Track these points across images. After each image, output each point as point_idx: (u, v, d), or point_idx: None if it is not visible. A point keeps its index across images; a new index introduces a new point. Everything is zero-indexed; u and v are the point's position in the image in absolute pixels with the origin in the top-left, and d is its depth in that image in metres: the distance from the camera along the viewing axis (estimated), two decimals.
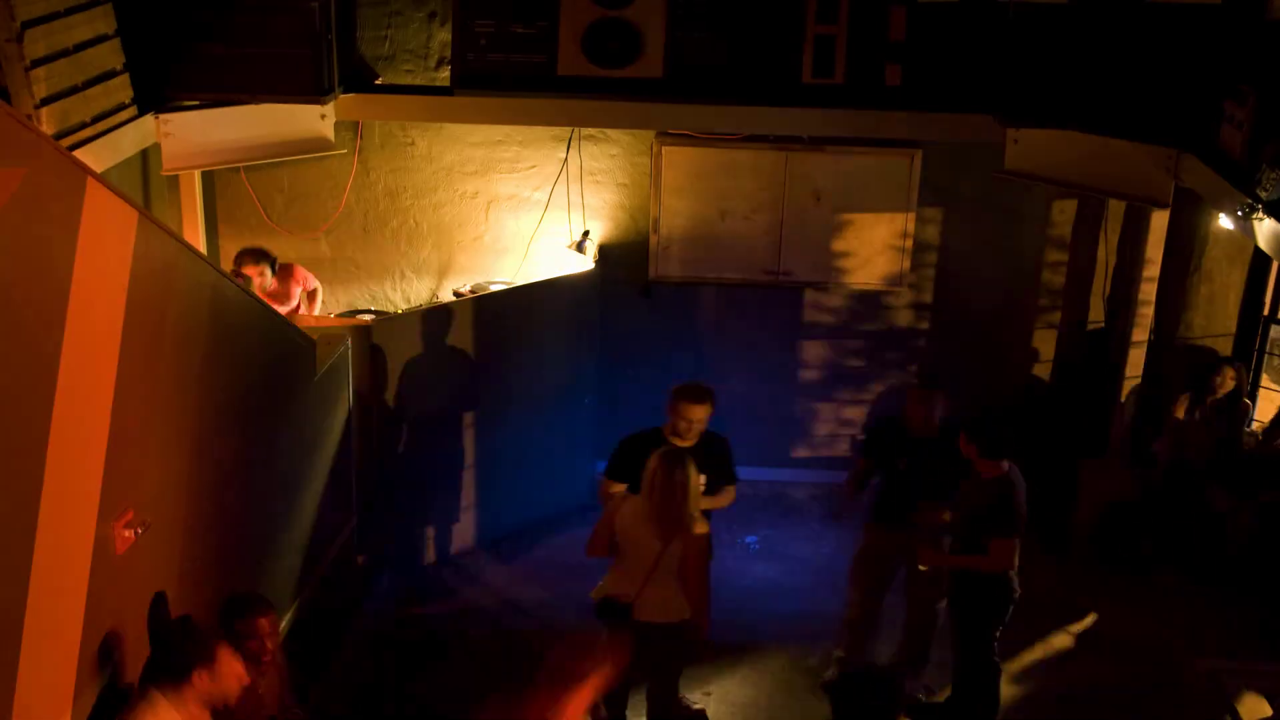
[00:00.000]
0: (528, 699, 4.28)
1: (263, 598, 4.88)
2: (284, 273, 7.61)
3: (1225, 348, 8.20)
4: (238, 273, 7.21)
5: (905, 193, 7.97)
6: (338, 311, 8.21)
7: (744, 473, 6.36)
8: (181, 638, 4.29)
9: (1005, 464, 5.85)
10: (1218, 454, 7.56)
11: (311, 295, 7.79)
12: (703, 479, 5.80)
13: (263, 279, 7.32)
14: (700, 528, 5.62)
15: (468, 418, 7.54)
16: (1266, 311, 8.07)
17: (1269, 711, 5.56)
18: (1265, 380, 8.18)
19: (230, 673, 4.21)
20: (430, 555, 7.63)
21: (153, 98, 6.63)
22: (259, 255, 7.37)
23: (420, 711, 6.35)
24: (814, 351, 8.53)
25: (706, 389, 6.03)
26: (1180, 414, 7.61)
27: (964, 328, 8.40)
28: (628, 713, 6.05)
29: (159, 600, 4.54)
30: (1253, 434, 7.87)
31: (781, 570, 7.69)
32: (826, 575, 7.35)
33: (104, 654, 4.18)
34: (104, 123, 6.11)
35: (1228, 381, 7.50)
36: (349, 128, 7.95)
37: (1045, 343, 8.50)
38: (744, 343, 8.46)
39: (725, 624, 6.27)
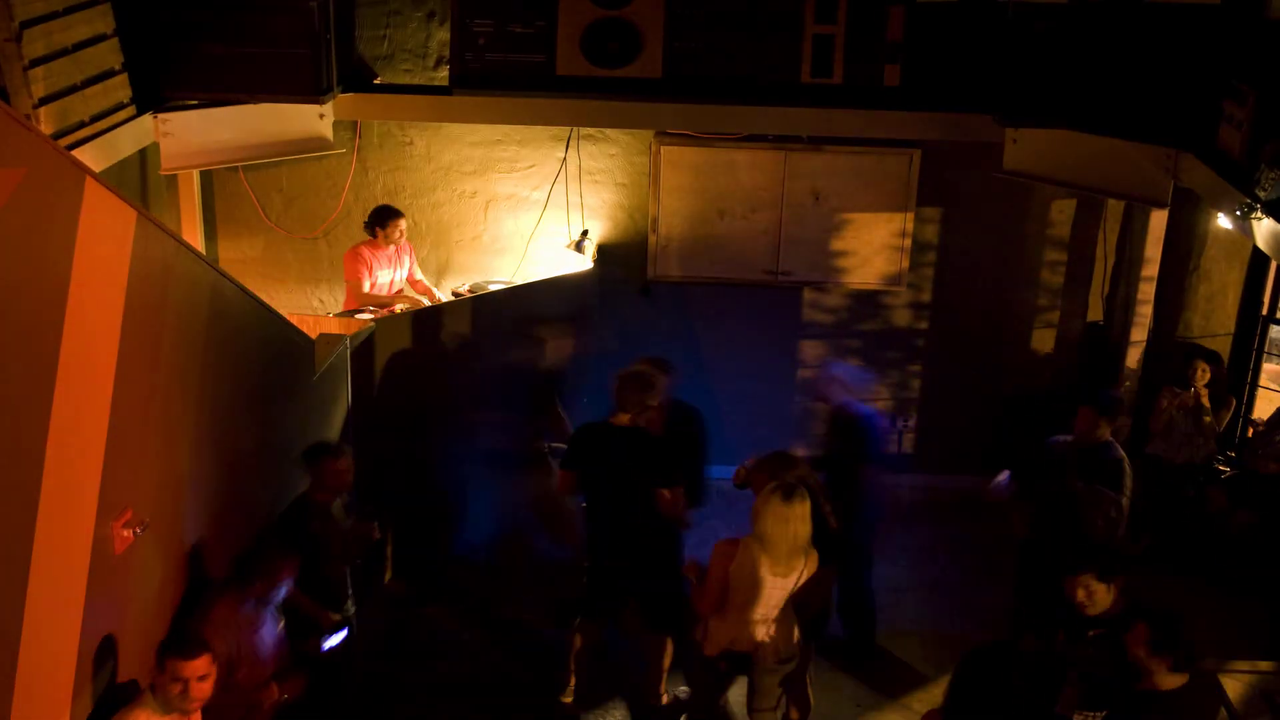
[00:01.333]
0: None
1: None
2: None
3: (1224, 347, 8.19)
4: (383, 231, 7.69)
5: (904, 192, 7.97)
6: (336, 311, 8.20)
7: None
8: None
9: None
10: (1207, 452, 7.57)
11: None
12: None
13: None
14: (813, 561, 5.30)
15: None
16: (1265, 311, 8.07)
17: (1268, 711, 5.56)
18: (1264, 380, 8.18)
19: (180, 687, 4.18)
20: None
21: (151, 97, 6.64)
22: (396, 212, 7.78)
23: (420, 709, 6.35)
24: (813, 351, 8.52)
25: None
26: (1159, 412, 7.60)
27: (962, 327, 8.40)
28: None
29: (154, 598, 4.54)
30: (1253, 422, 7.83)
31: None
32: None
33: (103, 653, 4.18)
34: (102, 122, 6.11)
35: (1200, 375, 7.47)
36: (347, 127, 7.95)
37: (1044, 342, 8.49)
38: (743, 342, 8.45)
39: None
